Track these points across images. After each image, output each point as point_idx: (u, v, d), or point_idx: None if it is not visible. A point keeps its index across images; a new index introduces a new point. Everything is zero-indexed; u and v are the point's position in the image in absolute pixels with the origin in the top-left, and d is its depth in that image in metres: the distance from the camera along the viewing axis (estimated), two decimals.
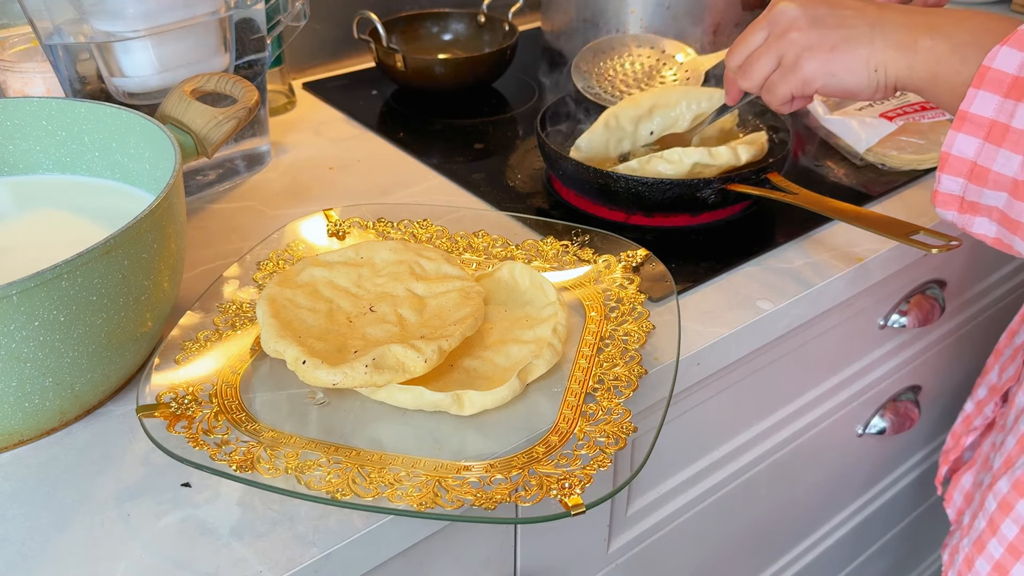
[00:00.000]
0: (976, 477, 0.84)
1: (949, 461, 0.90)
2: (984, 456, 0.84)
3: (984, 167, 0.52)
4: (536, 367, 0.55)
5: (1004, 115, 0.50)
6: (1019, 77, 0.49)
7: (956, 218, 0.56)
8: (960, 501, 0.86)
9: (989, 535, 0.72)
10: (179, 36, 0.71)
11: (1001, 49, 0.50)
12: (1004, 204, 0.52)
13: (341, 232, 0.70)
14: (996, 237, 0.55)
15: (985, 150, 0.52)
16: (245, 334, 0.59)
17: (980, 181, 0.53)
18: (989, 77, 0.51)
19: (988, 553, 0.72)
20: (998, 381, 0.84)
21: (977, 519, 0.75)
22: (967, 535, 0.76)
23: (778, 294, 0.67)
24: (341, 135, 0.93)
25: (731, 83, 0.67)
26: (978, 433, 0.87)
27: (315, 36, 1.06)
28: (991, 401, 0.85)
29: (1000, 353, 0.85)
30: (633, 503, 0.74)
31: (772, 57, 0.61)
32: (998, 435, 0.79)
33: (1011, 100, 0.50)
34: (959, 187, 0.54)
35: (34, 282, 0.45)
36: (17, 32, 0.84)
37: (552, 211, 0.77)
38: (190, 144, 0.61)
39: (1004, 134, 0.50)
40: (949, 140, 0.53)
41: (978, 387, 0.87)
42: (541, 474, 0.48)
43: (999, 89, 0.50)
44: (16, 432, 0.52)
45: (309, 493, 0.47)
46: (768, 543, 0.98)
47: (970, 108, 0.52)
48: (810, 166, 0.85)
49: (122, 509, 0.49)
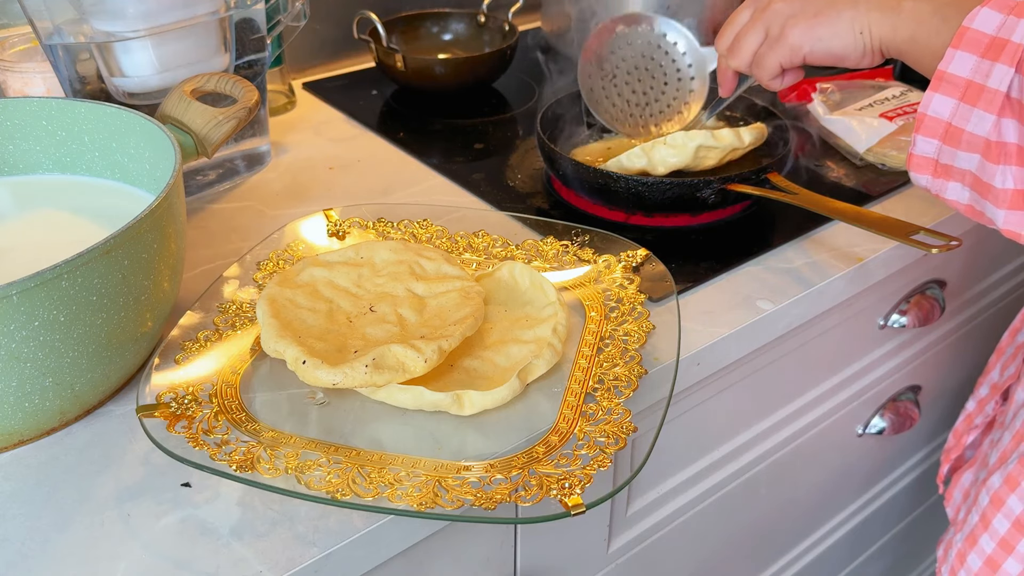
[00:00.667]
0: (976, 475, 0.84)
1: (951, 459, 0.90)
2: (984, 454, 0.84)
3: (958, 128, 0.52)
4: (536, 367, 0.55)
5: (980, 75, 0.50)
6: (997, 37, 0.49)
7: (930, 183, 0.56)
8: (959, 499, 0.86)
9: (981, 530, 0.72)
10: (179, 36, 0.71)
11: (981, 10, 0.50)
12: (976, 167, 0.52)
13: (341, 232, 0.70)
14: (968, 204, 0.55)
15: (960, 110, 0.51)
16: (245, 334, 0.59)
17: (954, 143, 0.53)
18: (968, 37, 0.50)
19: (980, 548, 0.72)
20: (999, 379, 0.84)
21: (971, 514, 0.75)
22: (961, 530, 0.76)
23: (778, 294, 0.67)
24: (341, 135, 0.93)
25: (724, 72, 0.68)
26: (979, 431, 0.87)
27: (315, 36, 1.06)
28: (992, 399, 0.85)
29: (1002, 352, 0.85)
30: (633, 503, 0.74)
31: (759, 30, 0.62)
32: (997, 432, 0.79)
33: (987, 60, 0.50)
34: (934, 149, 0.54)
35: (34, 282, 0.45)
36: (17, 32, 0.84)
37: (552, 211, 0.77)
38: (190, 144, 0.61)
39: (979, 94, 0.50)
40: (926, 101, 0.53)
41: (980, 385, 0.87)
42: (541, 474, 0.48)
43: (976, 49, 0.50)
44: (16, 432, 0.52)
45: (309, 493, 0.47)
46: (768, 543, 0.98)
47: (947, 68, 0.51)
48: (810, 166, 0.85)
49: (122, 509, 0.49)
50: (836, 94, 0.91)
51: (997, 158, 0.50)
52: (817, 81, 0.93)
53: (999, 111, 0.50)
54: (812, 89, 0.92)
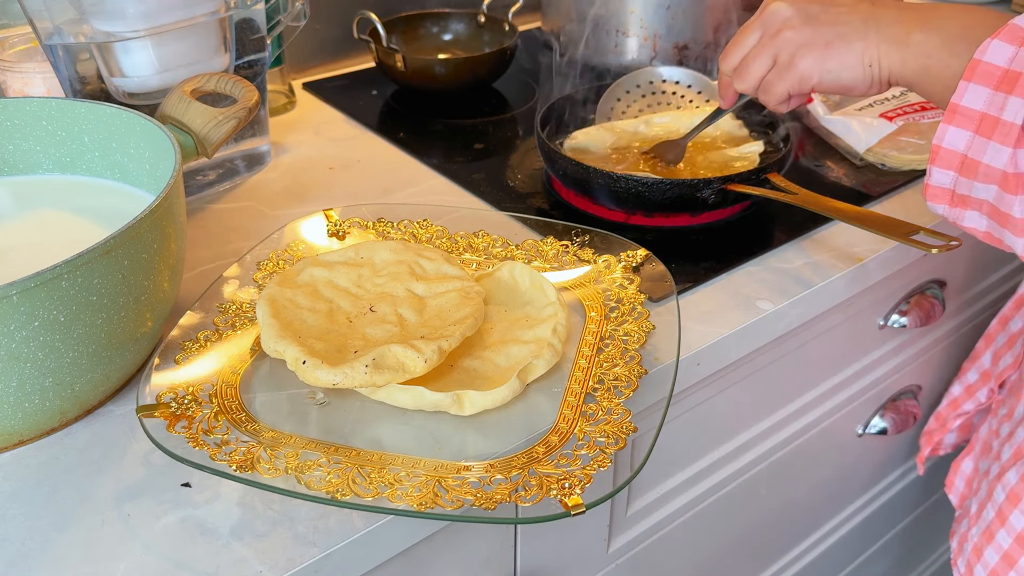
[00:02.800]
0: (977, 463, 0.84)
1: (932, 442, 0.91)
2: (984, 442, 0.84)
3: (974, 160, 0.52)
4: (536, 367, 0.55)
5: (994, 108, 0.50)
6: (1009, 70, 0.49)
7: (947, 212, 0.57)
8: (962, 487, 0.86)
9: (998, 525, 0.73)
10: (179, 36, 0.71)
11: (992, 42, 0.50)
12: (994, 197, 0.53)
13: (341, 232, 0.70)
14: (986, 231, 0.55)
15: (975, 143, 0.52)
16: (245, 334, 0.59)
17: (970, 174, 0.53)
18: (980, 70, 0.51)
19: (997, 543, 0.73)
20: (993, 368, 0.85)
21: (986, 509, 0.75)
22: (975, 524, 0.77)
23: (778, 294, 0.67)
24: (341, 135, 0.93)
25: (726, 86, 0.67)
26: (968, 417, 0.87)
27: (315, 36, 1.06)
28: (984, 387, 0.85)
29: (991, 338, 0.86)
30: (633, 503, 0.74)
31: (767, 57, 0.61)
32: (1002, 424, 0.79)
33: (1001, 93, 0.50)
34: (950, 180, 0.54)
35: (34, 282, 0.45)
36: (17, 32, 0.84)
37: (552, 211, 0.77)
38: (190, 144, 0.61)
39: (994, 127, 0.51)
40: (940, 133, 0.53)
41: (966, 371, 0.87)
42: (541, 474, 0.48)
43: (989, 82, 0.50)
44: (16, 432, 0.52)
45: (309, 493, 0.47)
46: (768, 543, 0.98)
47: (961, 101, 0.52)
48: (810, 166, 0.85)
49: (122, 509, 0.49)
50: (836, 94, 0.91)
51: (1015, 189, 0.51)
52: None
53: (1015, 143, 0.50)
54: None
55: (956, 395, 0.89)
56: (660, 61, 1.01)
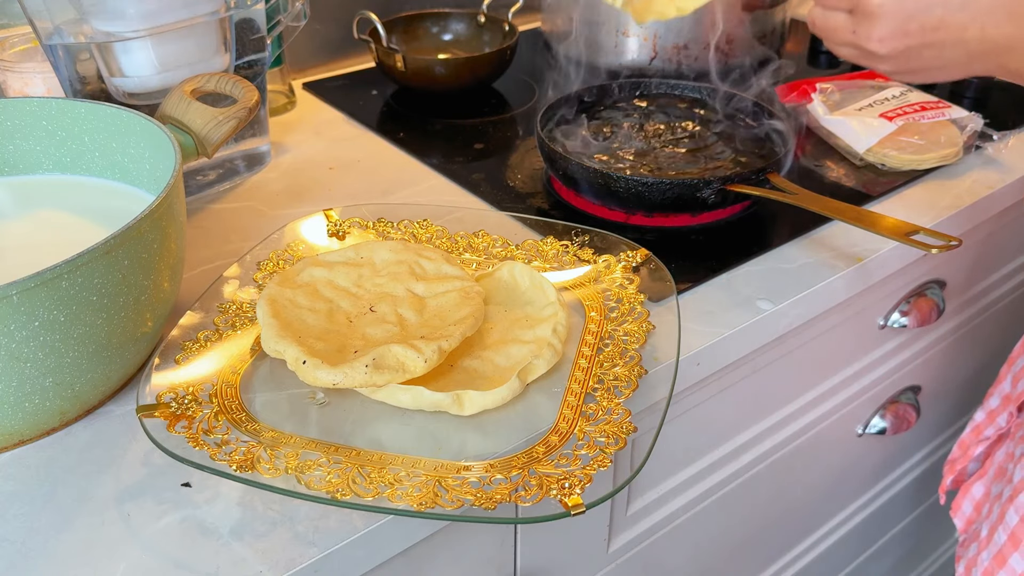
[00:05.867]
0: (988, 487, 0.83)
1: (955, 471, 0.89)
2: (999, 466, 0.82)
3: None
4: (536, 367, 0.55)
5: None
6: None
7: None
8: (970, 511, 0.85)
9: (1011, 549, 0.72)
10: (179, 36, 0.71)
11: None
12: None
13: (341, 232, 0.70)
14: None
15: None
16: (245, 334, 0.59)
17: None
18: None
19: (1010, 567, 0.72)
20: (1012, 391, 0.83)
21: (997, 533, 0.74)
22: (986, 548, 0.75)
23: (778, 294, 0.67)
24: (341, 135, 0.93)
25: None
26: (989, 443, 0.85)
27: (315, 36, 1.06)
28: (1004, 411, 0.84)
29: (1013, 361, 0.84)
30: (633, 503, 0.74)
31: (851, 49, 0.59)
32: (1018, 446, 0.78)
33: None
34: None
35: (34, 282, 0.45)
36: (17, 32, 0.84)
37: (552, 211, 0.77)
38: (190, 144, 0.61)
39: None
40: None
41: (990, 396, 0.86)
42: (541, 474, 0.48)
43: None
44: (16, 432, 0.52)
45: (309, 493, 0.47)
46: (768, 543, 0.98)
47: None
48: (810, 166, 0.85)
49: (122, 509, 0.49)
50: (836, 94, 0.91)
51: None
52: (817, 81, 0.93)
53: None
54: (812, 89, 0.92)
55: (979, 421, 0.87)
56: (660, 61, 1.01)
